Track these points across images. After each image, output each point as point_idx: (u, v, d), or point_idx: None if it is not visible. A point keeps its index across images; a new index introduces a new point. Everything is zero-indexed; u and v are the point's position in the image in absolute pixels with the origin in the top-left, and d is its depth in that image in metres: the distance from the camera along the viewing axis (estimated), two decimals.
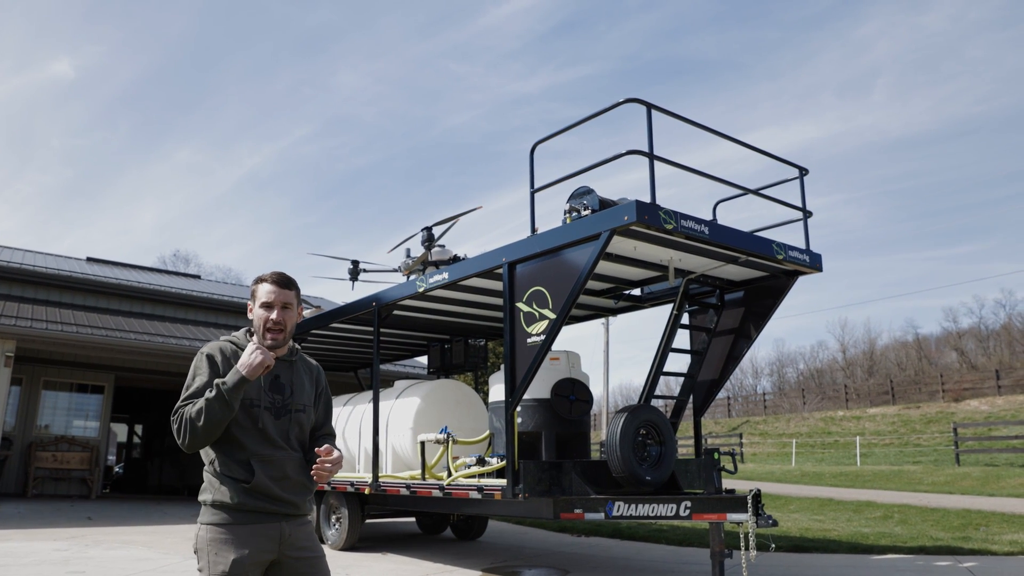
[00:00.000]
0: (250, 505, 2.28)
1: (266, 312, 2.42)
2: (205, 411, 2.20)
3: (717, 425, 38.03)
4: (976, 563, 7.26)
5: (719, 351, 7.21)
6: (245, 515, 2.28)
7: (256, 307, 2.44)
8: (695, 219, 5.58)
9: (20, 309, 13.92)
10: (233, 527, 2.26)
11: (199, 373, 2.35)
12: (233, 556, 2.22)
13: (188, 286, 19.33)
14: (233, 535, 2.25)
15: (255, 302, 2.45)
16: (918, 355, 49.98)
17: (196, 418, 2.21)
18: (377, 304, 7.96)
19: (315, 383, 2.61)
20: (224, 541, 2.24)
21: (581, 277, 5.51)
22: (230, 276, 52.42)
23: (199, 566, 2.28)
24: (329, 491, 8.63)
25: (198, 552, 2.28)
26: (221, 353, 2.40)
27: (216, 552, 2.23)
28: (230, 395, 2.21)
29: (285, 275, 2.49)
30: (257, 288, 2.45)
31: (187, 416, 2.22)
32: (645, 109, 5.49)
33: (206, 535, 2.27)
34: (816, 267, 6.56)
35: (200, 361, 2.37)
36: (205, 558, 2.25)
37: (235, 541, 2.25)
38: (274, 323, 2.41)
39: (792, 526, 10.37)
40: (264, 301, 2.42)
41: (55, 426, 15.86)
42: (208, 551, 2.24)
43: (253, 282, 2.49)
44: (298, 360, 2.57)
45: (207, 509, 2.31)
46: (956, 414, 27.79)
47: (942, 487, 16.04)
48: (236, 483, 2.28)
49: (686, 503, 5.84)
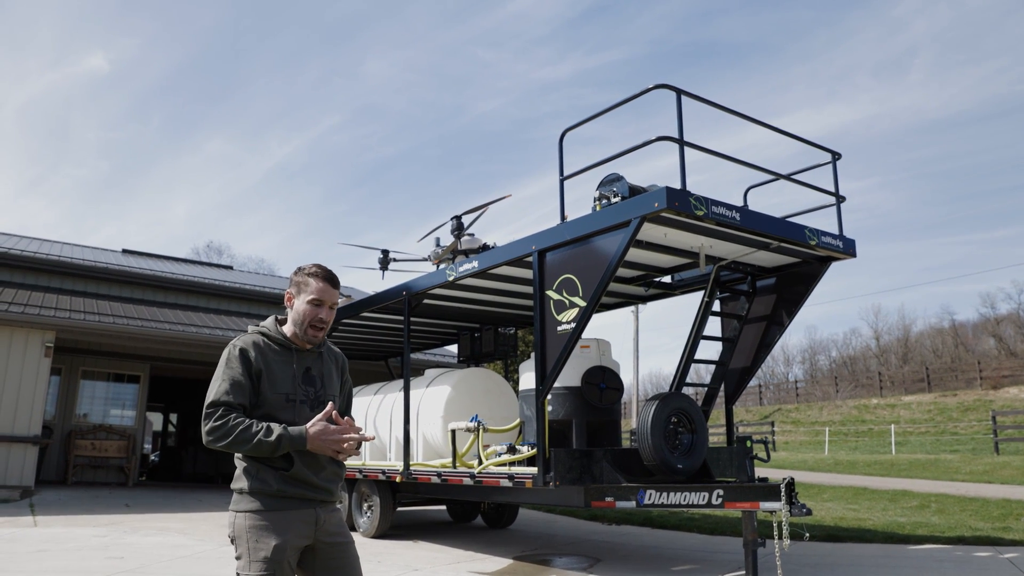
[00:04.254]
0: (289, 492, 2.31)
1: (315, 309, 2.45)
2: (254, 446, 2.23)
3: (749, 413, 37.70)
4: (1017, 554, 7.11)
5: (751, 338, 7.12)
6: (284, 502, 2.31)
7: (304, 301, 2.46)
8: (726, 205, 5.51)
9: (59, 301, 14.23)
10: (272, 514, 2.29)
11: (231, 368, 2.35)
12: (274, 542, 2.25)
13: (221, 277, 19.60)
14: (273, 521, 2.28)
15: (302, 295, 2.46)
16: (954, 342, 49.01)
17: (241, 441, 2.23)
18: (407, 293, 7.99)
19: (340, 372, 2.65)
20: (264, 527, 2.27)
21: (611, 264, 5.48)
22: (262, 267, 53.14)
23: (237, 553, 2.29)
24: (361, 479, 8.71)
25: (236, 539, 2.30)
26: (255, 347, 2.41)
27: (257, 539, 2.26)
28: (283, 448, 2.25)
29: (335, 275, 2.52)
30: (308, 282, 2.46)
31: (234, 434, 2.23)
32: (675, 95, 5.43)
33: (244, 522, 2.28)
34: (849, 253, 6.45)
35: (232, 355, 2.37)
36: (244, 545, 2.27)
37: (275, 527, 2.28)
38: (321, 322, 2.45)
39: (826, 515, 10.25)
40: (315, 298, 2.45)
41: (93, 415, 16.21)
42: (248, 538, 2.26)
43: (301, 272, 2.49)
44: (325, 351, 2.60)
45: (244, 497, 2.32)
46: (995, 402, 27.22)
47: (981, 476, 15.73)
48: (275, 471, 2.31)
49: (718, 491, 5.80)
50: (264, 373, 2.38)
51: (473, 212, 8.44)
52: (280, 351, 2.45)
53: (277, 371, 2.41)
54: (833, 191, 6.50)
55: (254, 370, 2.36)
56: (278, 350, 2.45)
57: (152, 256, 21.39)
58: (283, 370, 2.43)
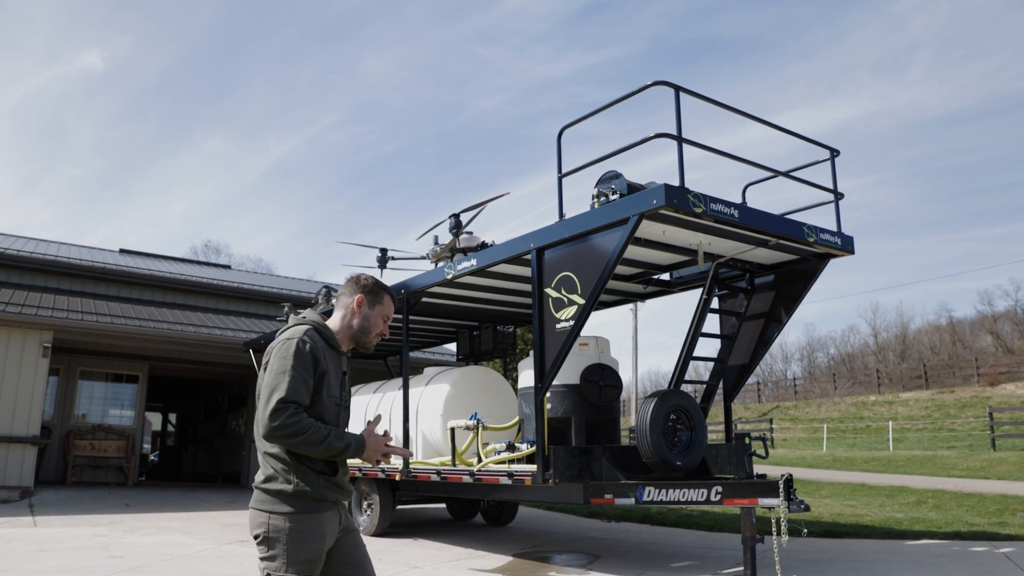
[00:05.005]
0: (329, 496, 2.37)
1: (383, 326, 2.61)
2: (323, 448, 2.28)
3: (747, 410, 37.76)
4: (1013, 548, 7.14)
5: (749, 335, 7.14)
6: (322, 504, 2.36)
7: (378, 313, 2.59)
8: (724, 202, 5.52)
9: (56, 301, 14.22)
10: (312, 516, 2.33)
11: (303, 365, 2.33)
12: (316, 544, 2.31)
13: (219, 276, 19.59)
14: (313, 524, 2.32)
15: (377, 307, 2.58)
16: (952, 339, 49.08)
17: (312, 442, 2.26)
18: (406, 292, 8.00)
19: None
20: (306, 530, 2.31)
21: (610, 262, 5.49)
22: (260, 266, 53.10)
23: (269, 554, 2.28)
24: (360, 477, 8.72)
25: (270, 540, 2.28)
26: (320, 347, 2.43)
27: (298, 541, 2.29)
28: (347, 454, 2.35)
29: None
30: (384, 298, 2.61)
31: (306, 434, 2.25)
32: (673, 91, 5.43)
33: (285, 524, 2.28)
34: (848, 250, 6.46)
35: (304, 352, 2.35)
36: (282, 546, 2.27)
37: (315, 530, 2.32)
38: (383, 336, 2.63)
39: (824, 511, 10.28)
40: (388, 314, 2.62)
41: (92, 415, 16.22)
42: (288, 540, 2.28)
43: (375, 285, 2.61)
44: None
45: (286, 499, 2.31)
46: (992, 398, 27.29)
47: (977, 472, 15.77)
48: (319, 475, 2.35)
49: (717, 488, 5.82)
50: (325, 375, 2.41)
51: (471, 210, 8.45)
52: (331, 352, 2.48)
53: (332, 374, 2.45)
54: (832, 188, 6.51)
55: (319, 371, 2.39)
56: (330, 350, 2.48)
57: (149, 256, 21.36)
58: (335, 372, 2.47)
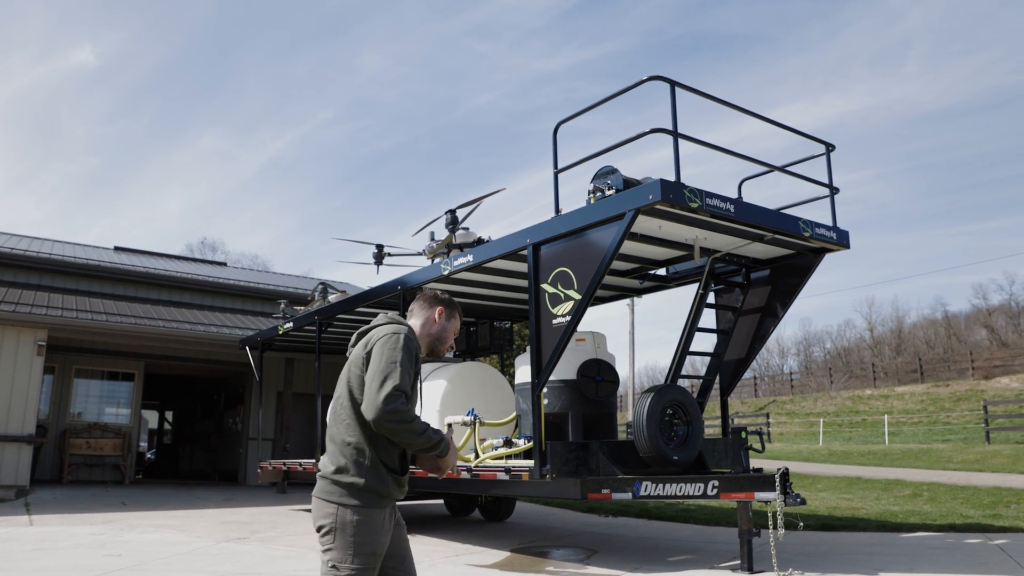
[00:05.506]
0: (394, 493, 2.47)
1: (452, 338, 2.80)
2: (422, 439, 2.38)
3: (744, 405, 37.84)
4: (1007, 540, 7.18)
5: (745, 330, 7.15)
6: (387, 501, 2.46)
7: (451, 326, 2.78)
8: (720, 197, 5.52)
9: (50, 299, 14.18)
10: (378, 511, 2.42)
11: (412, 359, 2.45)
12: (381, 538, 2.41)
13: (215, 273, 19.56)
14: (378, 518, 2.42)
15: (453, 319, 2.78)
16: (947, 333, 49.26)
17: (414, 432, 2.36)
18: (402, 288, 7.99)
19: None
20: (373, 524, 2.39)
21: (606, 257, 5.49)
22: (256, 263, 53.04)
23: (335, 545, 2.35)
24: None
25: (335, 531, 2.35)
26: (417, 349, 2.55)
27: (365, 534, 2.37)
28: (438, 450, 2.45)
29: None
30: (456, 314, 2.81)
31: (411, 423, 2.36)
32: (669, 86, 5.43)
33: (353, 517, 2.36)
34: (843, 244, 6.47)
35: (412, 348, 2.48)
36: (348, 537, 2.34)
37: (381, 524, 2.43)
38: (451, 350, 2.81)
39: (820, 505, 10.32)
40: (456, 328, 2.81)
41: (88, 413, 16.19)
42: (356, 532, 2.35)
43: (452, 301, 2.80)
44: None
45: (357, 492, 2.38)
46: (986, 392, 27.40)
47: (972, 465, 15.84)
48: (389, 472, 2.45)
49: (713, 482, 5.83)
50: (418, 375, 2.56)
51: (467, 206, 8.44)
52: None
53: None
54: (827, 183, 6.52)
55: (416, 370, 2.52)
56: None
57: (145, 253, 21.31)
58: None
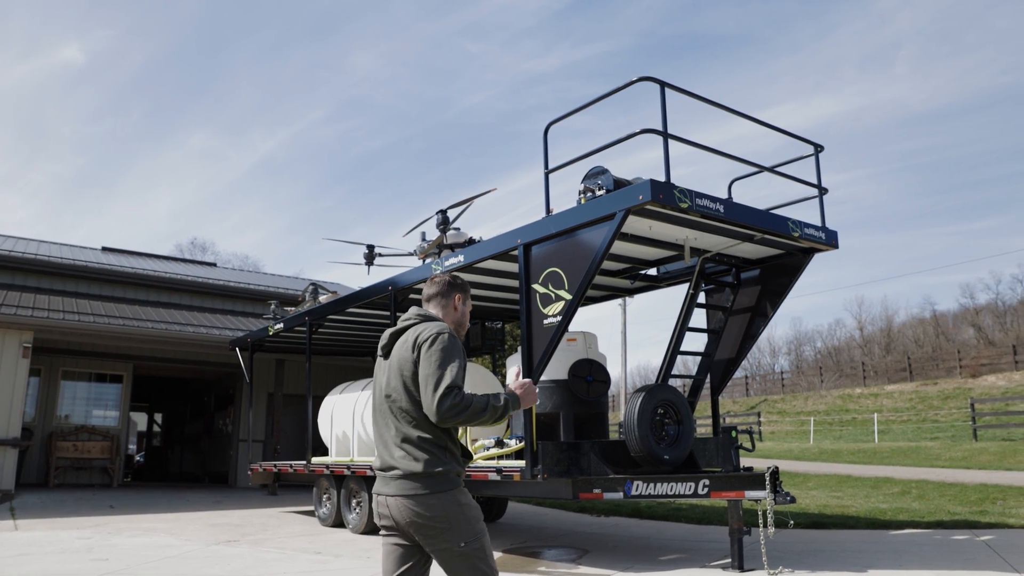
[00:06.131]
0: (463, 475, 2.64)
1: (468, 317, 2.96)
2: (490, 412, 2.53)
3: (735, 404, 37.99)
4: (993, 536, 7.24)
5: (736, 330, 7.18)
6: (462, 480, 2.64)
7: (468, 307, 2.91)
8: (710, 197, 5.54)
9: (36, 300, 14.06)
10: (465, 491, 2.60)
11: (460, 355, 2.59)
12: (478, 511, 2.58)
13: (204, 274, 19.44)
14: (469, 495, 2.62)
15: (466, 302, 2.90)
16: (935, 332, 49.66)
17: (477, 410, 2.51)
18: (393, 288, 7.97)
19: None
20: (471, 502, 2.57)
21: (596, 257, 5.49)
22: (247, 263, 52.78)
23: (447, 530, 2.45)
24: (349, 475, 8.70)
25: (448, 518, 2.46)
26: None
27: (474, 508, 2.55)
28: (509, 410, 2.59)
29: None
30: (469, 295, 2.94)
31: (471, 407, 2.50)
32: (659, 87, 5.44)
33: (458, 499, 2.52)
34: (832, 244, 6.51)
35: (457, 345, 2.62)
36: (463, 517, 2.49)
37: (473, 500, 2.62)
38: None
39: (810, 503, 10.37)
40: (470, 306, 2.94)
41: (75, 416, 16.04)
42: (467, 510, 2.52)
43: (464, 282, 2.92)
44: None
45: (447, 480, 2.53)
46: (973, 390, 27.62)
47: (959, 462, 15.97)
48: (459, 458, 2.63)
49: (704, 481, 5.85)
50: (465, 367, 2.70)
51: (458, 206, 8.43)
52: None
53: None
54: (816, 183, 6.55)
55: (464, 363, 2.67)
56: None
57: (133, 254, 21.15)
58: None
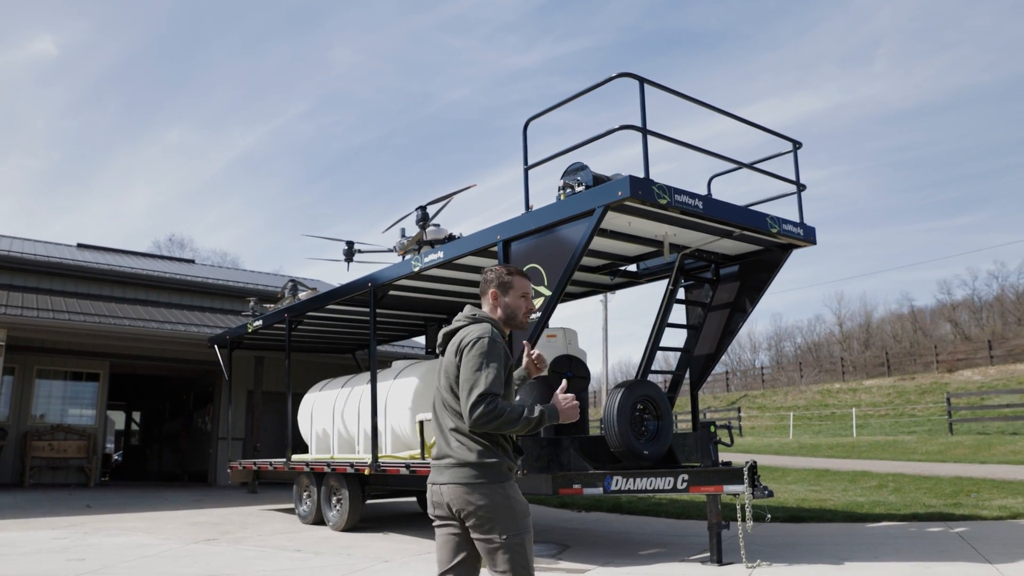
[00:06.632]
0: (514, 469, 2.61)
1: (526, 302, 2.79)
2: (522, 424, 2.48)
3: (716, 399, 38.27)
4: (966, 528, 7.36)
5: (715, 325, 7.22)
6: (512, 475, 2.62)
7: (516, 296, 2.77)
8: (689, 194, 5.57)
9: (10, 297, 13.85)
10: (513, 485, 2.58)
11: (498, 360, 2.53)
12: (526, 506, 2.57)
13: (182, 271, 19.25)
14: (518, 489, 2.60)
15: (512, 291, 2.77)
16: (913, 327, 50.28)
17: (510, 420, 2.47)
18: (373, 285, 7.94)
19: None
20: (518, 495, 2.55)
21: (576, 253, 5.50)
22: (226, 260, 52.37)
23: (493, 519, 2.44)
24: (329, 472, 8.65)
25: (495, 508, 2.45)
26: (503, 342, 2.64)
27: (521, 501, 2.54)
28: (543, 423, 2.53)
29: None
30: (513, 281, 2.78)
31: (503, 416, 2.46)
32: (638, 83, 5.45)
33: (506, 491, 2.50)
34: (810, 240, 6.56)
35: (496, 350, 2.55)
36: (510, 508, 2.48)
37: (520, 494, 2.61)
38: (531, 311, 2.82)
39: (789, 497, 10.47)
40: (525, 292, 2.79)
41: (51, 415, 15.85)
42: (514, 501, 2.50)
43: (502, 274, 2.78)
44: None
45: (498, 472, 2.51)
46: (950, 384, 28.02)
47: (935, 456, 16.21)
48: (511, 454, 2.62)
49: (683, 476, 5.88)
50: (512, 366, 2.65)
51: (438, 202, 8.40)
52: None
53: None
54: (794, 180, 6.60)
55: (510, 364, 2.61)
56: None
57: (110, 250, 20.89)
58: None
